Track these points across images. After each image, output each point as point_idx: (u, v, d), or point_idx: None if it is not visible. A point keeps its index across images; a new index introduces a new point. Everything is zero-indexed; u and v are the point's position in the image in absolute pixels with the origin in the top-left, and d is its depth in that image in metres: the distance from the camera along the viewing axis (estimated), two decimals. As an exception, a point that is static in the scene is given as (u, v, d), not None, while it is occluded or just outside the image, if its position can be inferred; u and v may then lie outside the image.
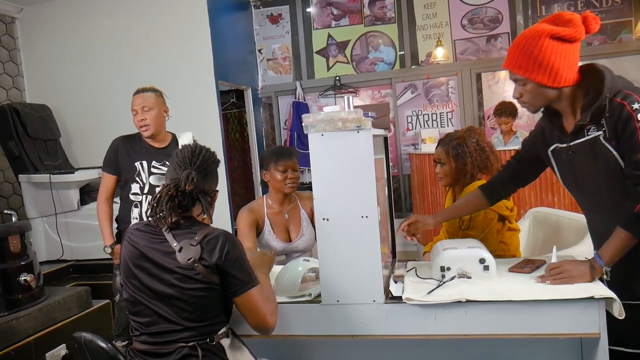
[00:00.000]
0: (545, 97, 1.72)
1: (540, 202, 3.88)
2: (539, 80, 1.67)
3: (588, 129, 1.69)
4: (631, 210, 1.60)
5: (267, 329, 1.62)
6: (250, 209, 2.60)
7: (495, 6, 5.61)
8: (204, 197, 1.63)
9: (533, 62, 1.65)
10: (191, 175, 1.59)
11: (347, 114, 1.66)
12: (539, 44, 1.64)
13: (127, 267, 1.63)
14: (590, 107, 1.66)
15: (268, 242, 2.57)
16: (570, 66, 1.67)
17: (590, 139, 1.69)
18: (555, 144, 1.84)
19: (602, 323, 1.58)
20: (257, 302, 1.58)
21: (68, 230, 4.13)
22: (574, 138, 1.74)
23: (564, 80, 1.67)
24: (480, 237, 2.26)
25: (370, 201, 1.68)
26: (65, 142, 4.93)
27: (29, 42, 5.14)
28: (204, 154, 1.66)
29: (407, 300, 1.69)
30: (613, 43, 5.34)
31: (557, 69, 1.65)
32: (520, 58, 1.67)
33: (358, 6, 5.92)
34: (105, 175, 2.82)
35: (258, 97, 6.13)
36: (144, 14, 4.88)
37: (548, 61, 1.64)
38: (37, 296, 2.86)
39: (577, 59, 1.69)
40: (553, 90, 1.70)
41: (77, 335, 1.61)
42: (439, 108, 5.79)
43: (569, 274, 1.69)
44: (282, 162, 2.50)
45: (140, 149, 2.80)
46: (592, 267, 1.69)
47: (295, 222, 2.61)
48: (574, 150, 1.75)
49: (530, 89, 1.71)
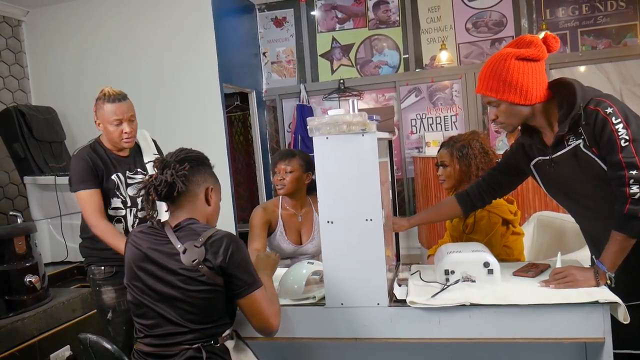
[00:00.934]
0: (519, 115, 1.79)
1: (544, 206, 3.86)
2: (511, 99, 1.74)
3: (567, 139, 1.75)
4: (620, 211, 1.64)
5: (271, 331, 1.62)
6: (265, 207, 2.61)
7: (500, 10, 5.61)
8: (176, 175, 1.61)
9: (502, 83, 1.74)
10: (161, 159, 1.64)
11: (352, 117, 1.66)
12: (506, 66, 1.73)
13: (130, 269, 1.63)
14: (567, 118, 1.72)
15: (279, 243, 2.58)
16: (538, 83, 1.75)
17: (572, 148, 1.75)
18: (537, 157, 1.90)
19: (607, 328, 1.58)
20: (260, 304, 1.59)
21: (73, 232, 4.13)
22: (555, 150, 1.80)
23: (534, 97, 1.75)
24: (484, 241, 2.26)
25: (374, 204, 1.68)
26: (70, 144, 4.94)
27: (35, 44, 5.17)
28: (187, 151, 1.70)
29: (411, 303, 1.69)
30: (618, 47, 5.33)
31: (526, 87, 1.73)
32: (491, 81, 1.76)
33: (362, 9, 5.93)
34: (87, 193, 2.36)
35: (262, 100, 6.14)
36: (148, 16, 4.90)
37: (517, 81, 1.73)
38: (42, 297, 2.87)
39: (544, 77, 1.77)
40: (525, 108, 1.77)
41: (83, 337, 1.62)
42: (443, 111, 5.79)
43: (573, 278, 1.71)
44: (275, 164, 2.56)
45: (110, 160, 2.45)
46: (597, 273, 1.70)
47: (308, 225, 2.61)
48: (557, 161, 1.80)
49: (504, 110, 1.78)
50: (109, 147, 2.47)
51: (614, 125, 1.62)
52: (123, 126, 2.39)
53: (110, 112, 2.37)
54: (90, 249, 2.46)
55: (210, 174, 1.73)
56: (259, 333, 1.64)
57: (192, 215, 1.66)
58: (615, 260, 1.67)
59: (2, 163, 4.68)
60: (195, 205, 1.67)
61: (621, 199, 1.63)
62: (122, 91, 2.45)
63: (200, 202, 1.68)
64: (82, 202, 2.38)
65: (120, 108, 2.38)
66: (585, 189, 1.79)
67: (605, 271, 1.68)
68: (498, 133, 5.60)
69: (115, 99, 2.38)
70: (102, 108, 2.39)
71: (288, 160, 2.53)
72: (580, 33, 5.42)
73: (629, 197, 1.61)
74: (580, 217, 1.93)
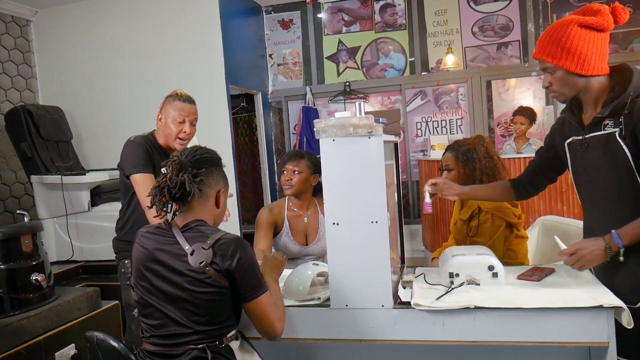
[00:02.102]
0: (573, 85, 1.75)
1: (549, 211, 3.86)
2: (567, 67, 1.70)
3: (606, 124, 1.72)
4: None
5: (275, 335, 1.63)
6: (271, 208, 2.64)
7: (506, 14, 5.61)
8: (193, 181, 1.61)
9: (561, 49, 1.70)
10: (177, 159, 1.62)
11: (358, 120, 1.67)
12: (567, 32, 1.69)
13: (137, 269, 1.64)
14: (612, 102, 1.68)
15: (285, 244, 2.59)
16: (598, 55, 1.70)
17: (606, 133, 1.71)
18: (572, 136, 1.86)
19: (611, 332, 1.58)
20: (265, 308, 1.60)
21: (78, 231, 4.16)
22: (590, 131, 1.77)
23: (592, 68, 1.70)
24: (488, 244, 2.26)
25: (380, 206, 1.69)
26: (76, 144, 4.98)
27: (43, 44, 5.20)
28: (201, 151, 1.69)
29: (415, 305, 1.69)
30: (624, 52, 5.32)
31: (585, 56, 1.69)
32: (549, 46, 1.72)
33: (369, 12, 5.95)
34: (143, 176, 2.35)
35: (268, 102, 6.15)
36: (156, 17, 4.93)
37: (576, 48, 1.68)
38: (48, 296, 2.88)
39: (606, 49, 1.72)
40: (581, 79, 1.73)
41: (89, 335, 1.63)
42: (448, 115, 5.79)
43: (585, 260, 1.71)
44: (283, 164, 2.59)
45: (161, 154, 2.47)
46: (609, 247, 1.68)
47: (314, 226, 2.63)
48: (589, 142, 1.77)
49: (559, 77, 1.74)
50: (161, 144, 2.50)
51: None
52: (184, 126, 2.43)
53: (178, 108, 2.42)
54: (125, 242, 2.46)
55: (222, 176, 1.73)
56: (263, 336, 1.65)
57: (200, 217, 1.66)
58: (633, 238, 1.65)
59: (9, 162, 4.71)
60: (205, 208, 1.67)
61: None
62: (188, 94, 2.51)
63: (211, 204, 1.69)
64: (138, 185, 2.36)
65: (189, 109, 2.45)
66: (601, 179, 1.77)
67: (620, 246, 1.65)
68: (503, 137, 5.60)
69: (186, 100, 2.46)
70: (171, 104, 2.45)
71: (297, 161, 2.56)
72: (587, 38, 5.41)
73: None
74: (589, 204, 1.91)
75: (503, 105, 5.64)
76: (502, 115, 5.64)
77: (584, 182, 1.87)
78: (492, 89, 5.68)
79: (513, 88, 5.63)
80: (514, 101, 5.57)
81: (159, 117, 2.49)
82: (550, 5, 5.50)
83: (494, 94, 5.68)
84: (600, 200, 1.80)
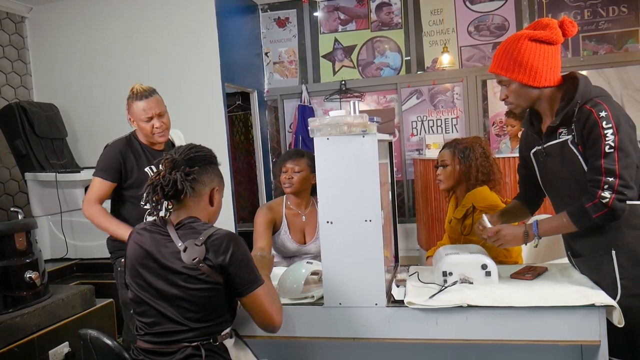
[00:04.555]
0: (527, 97, 1.82)
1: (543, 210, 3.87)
2: (520, 79, 1.78)
3: (560, 132, 1.79)
4: (583, 204, 1.70)
5: (274, 327, 1.64)
6: (270, 207, 2.64)
7: (502, 14, 5.63)
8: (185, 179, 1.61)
9: (514, 63, 1.78)
10: (171, 157, 1.62)
11: (353, 119, 1.67)
12: (519, 46, 1.77)
13: (132, 266, 1.64)
14: (562, 111, 1.76)
15: (283, 242, 2.60)
16: (549, 67, 1.78)
17: (561, 141, 1.78)
18: (535, 146, 1.93)
19: (603, 331, 1.59)
20: (263, 301, 1.60)
21: (73, 229, 4.15)
22: (547, 140, 1.84)
23: (544, 79, 1.78)
24: (481, 243, 2.27)
25: (374, 205, 1.70)
26: (71, 142, 4.96)
27: (38, 41, 5.18)
28: (196, 149, 1.68)
29: (409, 304, 1.70)
30: (619, 52, 5.34)
31: (537, 69, 1.76)
32: (503, 60, 1.80)
33: (365, 11, 5.95)
34: (102, 182, 2.47)
35: (264, 100, 6.15)
36: (152, 14, 4.91)
37: (527, 61, 1.76)
38: (42, 294, 2.87)
39: (557, 60, 1.80)
40: (534, 90, 1.80)
41: (83, 332, 1.63)
42: (444, 114, 5.80)
43: (504, 240, 1.88)
44: (283, 163, 2.60)
45: (143, 153, 2.55)
46: (527, 233, 1.84)
47: (312, 225, 2.64)
48: (548, 151, 1.84)
49: (514, 90, 1.82)
50: (143, 141, 2.57)
51: (604, 129, 1.65)
52: (153, 122, 2.48)
53: (139, 109, 2.46)
54: (119, 241, 2.46)
55: (216, 174, 1.72)
56: (263, 329, 1.66)
57: (194, 214, 1.66)
58: (549, 231, 1.83)
59: (4, 159, 4.69)
60: (199, 206, 1.67)
61: (590, 196, 1.68)
62: (150, 87, 2.54)
63: (204, 202, 1.69)
64: (92, 186, 2.51)
65: (149, 104, 2.46)
66: (563, 185, 1.83)
67: (536, 234, 1.82)
68: (498, 137, 5.61)
69: (143, 96, 2.47)
70: (132, 106, 2.49)
71: (297, 159, 2.57)
72: (582, 38, 5.44)
73: (598, 198, 1.66)
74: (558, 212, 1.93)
75: (498, 104, 5.65)
76: (497, 114, 5.66)
77: (549, 189, 1.94)
78: (488, 89, 5.70)
79: (508, 88, 5.63)
80: (509, 101, 5.58)
81: (130, 119, 2.54)
82: (546, 5, 5.52)
83: (489, 94, 5.70)
84: (564, 205, 1.84)
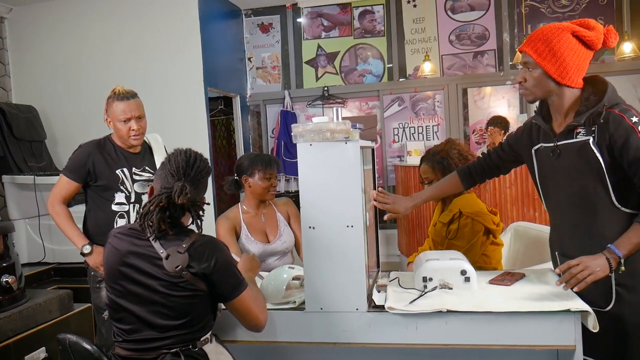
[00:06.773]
0: (546, 88, 1.79)
1: (522, 217, 3.94)
2: (548, 69, 1.75)
3: (578, 132, 1.75)
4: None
5: (259, 327, 1.65)
6: (227, 216, 2.69)
7: (483, 23, 5.71)
8: (195, 209, 1.60)
9: (549, 50, 1.74)
10: (185, 189, 1.53)
11: (335, 125, 1.69)
12: (559, 36, 1.73)
13: (110, 271, 1.61)
14: (587, 111, 1.72)
15: (244, 246, 2.62)
16: (578, 68, 1.75)
17: (580, 141, 1.75)
18: (540, 143, 1.90)
19: (578, 336, 1.62)
20: (249, 304, 1.61)
21: (50, 232, 4.09)
22: (562, 138, 1.80)
23: (569, 78, 1.75)
24: (465, 247, 2.30)
25: (356, 211, 1.71)
26: (50, 144, 4.90)
27: (17, 42, 5.12)
28: (199, 164, 1.61)
29: (389, 309, 1.71)
30: (596, 64, 5.45)
31: (567, 65, 1.73)
32: (538, 43, 1.76)
33: (348, 18, 5.99)
34: (67, 181, 2.52)
35: (246, 105, 6.15)
36: (135, 18, 4.89)
37: (562, 54, 1.73)
38: (18, 298, 2.82)
39: (586, 65, 1.77)
40: (555, 85, 1.77)
41: (62, 337, 1.61)
42: (425, 121, 5.86)
43: (591, 271, 1.64)
44: (269, 171, 2.62)
45: (117, 156, 2.55)
46: (608, 259, 1.66)
47: (272, 224, 2.69)
48: (562, 150, 1.81)
49: (536, 76, 1.78)
50: (118, 144, 2.56)
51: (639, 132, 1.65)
52: (131, 123, 2.47)
53: (119, 110, 2.46)
54: None
55: (207, 185, 1.68)
56: (249, 330, 1.67)
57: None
58: (631, 248, 1.65)
59: (-20, 161, 4.61)
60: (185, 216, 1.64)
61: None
62: (132, 90, 2.54)
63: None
64: (58, 183, 2.56)
65: (129, 106, 2.47)
66: (571, 185, 1.81)
67: (620, 256, 1.64)
68: (478, 144, 5.69)
69: (124, 98, 2.47)
70: (111, 106, 2.48)
71: (276, 168, 2.68)
72: (560, 48, 5.54)
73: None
74: (557, 212, 1.95)
75: (479, 112, 5.74)
76: (477, 122, 5.74)
77: (553, 188, 1.91)
78: (468, 97, 5.78)
79: (488, 96, 5.73)
80: (489, 109, 5.67)
81: (107, 119, 2.53)
82: (525, 16, 5.62)
83: (469, 102, 5.78)
84: (568, 205, 1.85)
